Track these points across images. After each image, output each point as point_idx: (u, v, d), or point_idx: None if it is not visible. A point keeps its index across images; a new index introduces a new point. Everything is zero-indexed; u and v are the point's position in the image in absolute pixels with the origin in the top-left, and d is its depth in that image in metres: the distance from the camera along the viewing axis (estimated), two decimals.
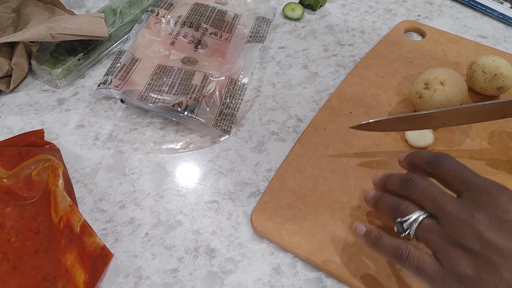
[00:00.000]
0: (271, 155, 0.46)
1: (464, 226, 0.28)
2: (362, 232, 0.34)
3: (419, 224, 0.31)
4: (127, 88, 0.47)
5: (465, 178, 0.31)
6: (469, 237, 0.28)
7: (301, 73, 0.54)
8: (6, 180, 0.40)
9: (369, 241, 0.33)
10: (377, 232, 0.33)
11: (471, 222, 0.28)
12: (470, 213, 0.29)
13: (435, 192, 0.32)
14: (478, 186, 0.30)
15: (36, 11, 0.57)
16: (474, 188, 0.30)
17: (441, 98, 0.43)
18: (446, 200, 0.31)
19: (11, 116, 0.50)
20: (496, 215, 0.28)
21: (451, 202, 0.30)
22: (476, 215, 0.28)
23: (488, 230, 0.27)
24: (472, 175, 0.31)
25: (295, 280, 0.37)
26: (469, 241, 0.28)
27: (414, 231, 0.32)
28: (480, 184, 0.30)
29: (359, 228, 0.34)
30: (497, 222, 0.28)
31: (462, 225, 0.29)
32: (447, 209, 0.30)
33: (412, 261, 0.30)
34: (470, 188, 0.30)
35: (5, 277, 0.36)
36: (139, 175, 0.44)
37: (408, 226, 0.32)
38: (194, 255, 0.38)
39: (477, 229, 0.28)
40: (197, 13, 0.56)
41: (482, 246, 0.27)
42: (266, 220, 0.39)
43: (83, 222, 0.35)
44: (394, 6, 0.65)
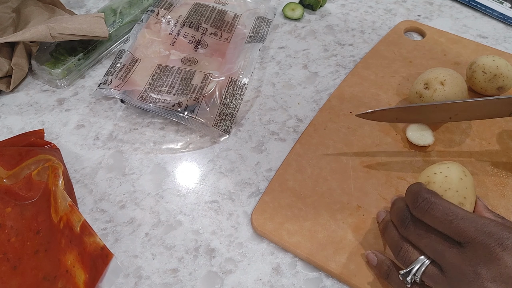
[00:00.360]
0: (271, 155, 0.46)
1: (468, 281, 0.28)
2: (374, 263, 0.35)
3: (423, 272, 0.31)
4: (127, 88, 0.47)
5: (461, 230, 0.29)
6: None
7: (301, 73, 0.54)
8: (6, 180, 0.40)
9: (381, 274, 0.34)
10: (387, 267, 0.34)
11: (476, 278, 0.27)
12: (474, 269, 0.28)
13: (432, 239, 0.30)
14: (478, 241, 0.28)
15: (36, 11, 0.57)
16: (474, 244, 0.28)
17: (441, 98, 0.43)
18: (446, 249, 0.29)
19: (11, 116, 0.50)
20: (500, 271, 0.27)
21: (451, 252, 0.29)
22: (480, 271, 0.27)
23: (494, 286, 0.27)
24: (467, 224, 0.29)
25: (295, 280, 0.37)
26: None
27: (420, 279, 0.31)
28: (480, 240, 0.28)
29: (371, 258, 0.35)
30: (502, 278, 0.27)
31: (466, 279, 0.28)
32: (449, 261, 0.29)
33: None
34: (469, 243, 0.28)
35: (5, 277, 0.36)
36: (139, 175, 0.44)
37: (413, 277, 0.31)
38: (194, 255, 0.38)
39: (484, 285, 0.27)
40: (197, 13, 0.56)
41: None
42: (266, 220, 0.39)
43: (83, 222, 0.35)
44: (394, 6, 0.65)
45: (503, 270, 0.27)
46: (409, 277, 0.31)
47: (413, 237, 0.32)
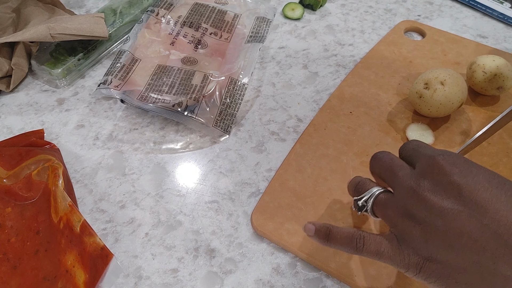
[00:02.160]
0: (271, 155, 0.46)
1: (412, 195, 0.28)
2: (312, 231, 0.32)
3: (374, 199, 0.31)
4: (127, 88, 0.47)
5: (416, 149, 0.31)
6: (417, 205, 0.27)
7: (301, 73, 0.54)
8: (6, 180, 0.40)
9: (321, 238, 0.31)
10: (326, 228, 0.31)
11: (418, 190, 0.27)
12: (417, 181, 0.28)
13: (394, 163, 0.31)
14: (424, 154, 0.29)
15: (36, 11, 0.57)
16: (422, 157, 0.29)
17: (441, 98, 0.43)
18: (400, 169, 0.30)
19: (11, 116, 0.50)
20: (440, 179, 0.27)
21: (403, 171, 0.30)
22: (422, 182, 0.28)
23: (433, 195, 0.27)
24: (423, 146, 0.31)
25: (295, 280, 0.37)
26: (417, 210, 0.27)
27: (371, 208, 0.31)
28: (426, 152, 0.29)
29: (309, 228, 0.32)
30: (441, 186, 0.27)
31: (410, 194, 0.28)
32: (399, 179, 0.30)
33: (369, 247, 0.29)
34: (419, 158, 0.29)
35: (5, 277, 0.36)
36: (139, 175, 0.44)
37: (364, 203, 0.32)
38: (194, 255, 0.38)
39: (423, 196, 0.27)
40: (197, 13, 0.56)
41: (428, 213, 0.27)
42: (266, 220, 0.39)
43: (83, 222, 0.35)
44: (394, 6, 0.65)
45: (442, 177, 0.27)
46: (361, 202, 0.32)
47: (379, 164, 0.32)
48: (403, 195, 0.29)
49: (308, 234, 0.32)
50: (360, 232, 0.30)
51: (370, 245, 0.29)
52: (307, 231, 0.32)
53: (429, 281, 0.27)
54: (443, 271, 0.26)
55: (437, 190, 0.27)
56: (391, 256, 0.28)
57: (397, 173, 0.30)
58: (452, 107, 0.44)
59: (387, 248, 0.29)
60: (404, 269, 0.28)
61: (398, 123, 0.47)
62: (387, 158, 0.32)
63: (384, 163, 0.32)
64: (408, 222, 0.28)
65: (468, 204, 0.25)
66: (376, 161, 0.33)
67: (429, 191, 0.27)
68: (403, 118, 0.48)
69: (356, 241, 0.30)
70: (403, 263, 0.28)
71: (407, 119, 0.47)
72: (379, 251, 0.29)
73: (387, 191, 0.31)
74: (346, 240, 0.30)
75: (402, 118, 0.48)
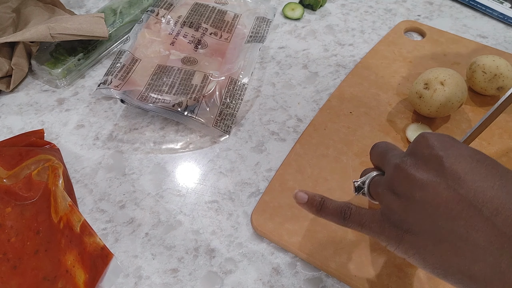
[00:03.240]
0: (271, 155, 0.46)
1: (396, 170, 0.29)
2: (305, 200, 0.33)
3: (370, 181, 0.32)
4: (127, 88, 0.47)
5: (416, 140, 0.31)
6: (399, 180, 0.28)
7: (301, 73, 0.54)
8: (6, 180, 0.41)
9: (313, 208, 0.32)
10: (320, 198, 0.32)
11: (401, 165, 0.28)
12: (402, 158, 0.29)
13: (388, 147, 0.33)
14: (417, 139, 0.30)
15: (36, 11, 0.57)
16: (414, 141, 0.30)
17: (441, 98, 0.43)
18: (391, 151, 0.31)
19: (11, 116, 0.50)
20: (423, 152, 0.28)
21: (393, 152, 0.31)
22: (406, 159, 0.28)
23: (415, 169, 0.27)
24: None
25: (295, 280, 0.37)
26: (399, 185, 0.28)
27: (367, 189, 0.33)
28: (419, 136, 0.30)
29: (301, 196, 0.33)
30: (423, 159, 0.27)
31: (395, 170, 0.29)
32: (388, 159, 0.31)
33: (353, 217, 0.31)
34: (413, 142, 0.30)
35: (5, 277, 0.36)
36: (139, 175, 0.44)
37: (360, 185, 0.33)
38: (194, 255, 0.38)
39: (406, 171, 0.28)
40: (197, 13, 0.56)
41: (409, 186, 0.27)
42: (266, 220, 0.39)
43: (83, 222, 0.35)
44: (394, 6, 0.65)
45: (425, 151, 0.27)
46: (357, 183, 0.34)
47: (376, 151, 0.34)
48: (389, 172, 0.30)
49: (298, 201, 0.33)
50: (349, 204, 0.31)
51: (354, 216, 0.31)
52: (298, 199, 0.33)
53: (408, 255, 0.28)
54: (421, 243, 0.27)
55: (419, 163, 0.27)
56: (372, 228, 0.30)
57: (387, 154, 0.32)
58: (452, 107, 0.44)
59: (369, 220, 0.30)
60: (385, 242, 0.29)
61: (398, 123, 0.47)
62: (383, 144, 0.34)
63: (379, 148, 0.34)
64: (390, 197, 0.29)
65: (447, 175, 0.26)
66: (374, 149, 0.35)
67: (411, 165, 0.28)
68: (403, 118, 0.48)
69: (344, 212, 0.31)
70: (384, 236, 0.29)
71: (407, 119, 0.47)
72: (361, 222, 0.30)
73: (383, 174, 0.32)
74: (336, 211, 0.32)
75: (402, 118, 0.48)
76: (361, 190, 0.34)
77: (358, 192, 0.34)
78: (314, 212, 0.33)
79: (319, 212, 0.32)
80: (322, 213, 0.32)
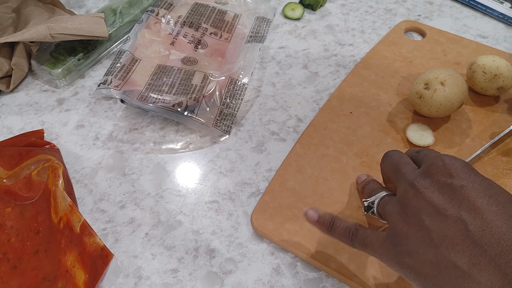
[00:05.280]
0: (271, 155, 0.46)
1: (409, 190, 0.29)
2: (315, 219, 0.34)
3: (379, 201, 0.33)
4: (127, 88, 0.47)
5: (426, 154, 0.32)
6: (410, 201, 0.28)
7: (301, 73, 0.54)
8: (6, 180, 0.40)
9: (323, 226, 0.33)
10: (330, 218, 0.33)
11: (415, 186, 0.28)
12: (416, 178, 0.29)
13: (401, 161, 0.32)
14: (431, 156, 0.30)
15: (36, 11, 0.57)
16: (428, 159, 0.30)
17: (441, 98, 0.43)
18: (404, 166, 0.31)
19: (11, 116, 0.50)
20: (438, 179, 0.27)
21: (407, 168, 0.31)
22: (420, 179, 0.28)
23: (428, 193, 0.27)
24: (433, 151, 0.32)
25: (295, 280, 0.37)
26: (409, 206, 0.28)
27: (376, 209, 0.33)
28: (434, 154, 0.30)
29: (311, 215, 0.34)
30: (438, 185, 0.27)
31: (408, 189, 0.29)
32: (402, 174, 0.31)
33: (359, 238, 0.31)
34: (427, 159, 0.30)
35: (5, 277, 0.36)
36: (139, 175, 0.44)
37: (370, 205, 0.34)
38: (194, 255, 0.38)
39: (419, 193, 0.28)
40: (197, 13, 0.56)
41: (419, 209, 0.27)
42: (266, 220, 0.39)
43: (83, 222, 0.35)
44: (394, 6, 0.65)
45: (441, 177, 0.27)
46: (367, 203, 0.35)
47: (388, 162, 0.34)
48: (402, 190, 0.30)
49: (309, 220, 0.34)
50: (357, 226, 0.32)
51: (359, 237, 0.31)
52: (308, 217, 0.34)
53: (408, 278, 0.28)
54: (421, 269, 0.27)
55: (434, 189, 0.27)
56: (375, 248, 0.30)
57: (401, 169, 0.31)
58: (452, 107, 0.44)
59: (373, 240, 0.30)
60: (386, 263, 0.29)
61: (398, 123, 0.47)
62: (396, 156, 0.34)
63: (393, 160, 0.33)
64: (398, 216, 0.29)
65: (459, 208, 0.26)
66: (387, 158, 0.35)
67: (426, 188, 0.28)
68: (403, 118, 0.48)
69: (351, 232, 0.32)
70: (385, 257, 0.29)
71: (407, 119, 0.47)
72: (365, 242, 0.31)
73: (393, 194, 0.32)
74: (345, 232, 0.32)
75: (402, 118, 0.48)
76: (370, 210, 0.34)
77: (367, 212, 0.35)
78: (325, 231, 0.33)
79: (330, 231, 0.33)
80: (332, 232, 0.33)
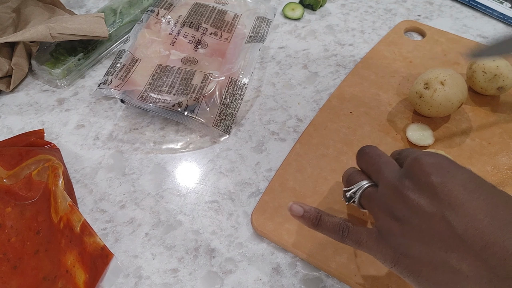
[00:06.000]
0: (271, 155, 0.46)
1: (394, 192, 0.29)
2: (300, 213, 0.33)
3: (362, 192, 0.32)
4: (127, 88, 0.47)
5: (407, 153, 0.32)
6: (397, 203, 0.28)
7: (301, 73, 0.54)
8: (6, 180, 0.41)
9: (309, 222, 0.32)
10: (316, 213, 0.32)
11: (399, 188, 0.28)
12: (399, 179, 0.29)
13: (381, 160, 0.32)
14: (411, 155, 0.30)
15: (36, 11, 0.57)
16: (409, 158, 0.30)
17: (441, 98, 0.43)
18: (386, 166, 0.31)
19: (11, 116, 0.50)
20: (419, 179, 0.28)
21: (390, 169, 0.31)
22: (403, 181, 0.29)
23: (412, 194, 0.28)
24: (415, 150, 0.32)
25: (295, 280, 0.37)
26: (396, 208, 0.28)
27: (358, 200, 0.33)
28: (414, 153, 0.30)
29: (296, 209, 0.33)
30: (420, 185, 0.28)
31: (392, 191, 0.29)
32: (384, 176, 0.31)
33: (351, 235, 0.31)
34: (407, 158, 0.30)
35: (5, 277, 0.36)
36: (139, 175, 0.44)
37: (352, 195, 0.33)
38: (194, 255, 0.38)
39: (404, 195, 0.28)
40: (197, 13, 0.56)
41: (406, 211, 0.28)
42: (266, 220, 0.39)
43: (83, 222, 0.35)
44: (394, 6, 0.65)
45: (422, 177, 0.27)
46: (349, 193, 0.33)
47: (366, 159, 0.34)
48: (386, 192, 0.30)
49: (293, 214, 0.33)
50: (347, 222, 0.32)
51: (352, 234, 0.31)
52: (293, 211, 0.33)
53: (403, 275, 0.28)
54: (416, 268, 0.27)
55: (416, 189, 0.28)
56: (370, 246, 0.30)
57: (383, 170, 0.31)
58: (452, 107, 0.44)
59: (366, 239, 0.30)
60: (381, 260, 0.29)
61: (398, 123, 0.47)
62: (374, 153, 0.33)
63: (371, 158, 0.33)
64: (387, 218, 0.29)
65: (441, 205, 0.26)
66: (363, 155, 0.34)
67: (409, 190, 0.28)
68: (403, 118, 0.48)
69: (342, 229, 0.31)
70: (381, 255, 0.29)
71: (407, 119, 0.47)
72: (359, 240, 0.30)
73: (375, 185, 0.32)
74: (334, 228, 0.32)
75: (402, 118, 0.48)
76: (351, 200, 0.34)
77: (348, 202, 0.34)
78: (311, 226, 0.33)
79: (316, 227, 0.32)
80: (319, 228, 0.32)
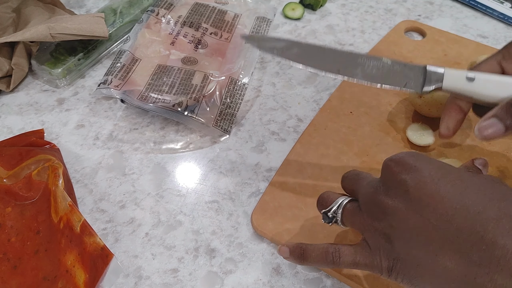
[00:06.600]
0: (271, 155, 0.46)
1: (371, 200, 0.29)
2: (287, 254, 0.32)
3: (342, 210, 0.31)
4: (127, 88, 0.47)
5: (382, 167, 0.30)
6: (376, 210, 0.28)
7: (301, 73, 0.54)
8: (6, 180, 0.40)
9: (296, 258, 0.32)
10: (299, 247, 0.31)
11: (375, 194, 0.28)
12: (375, 186, 0.29)
13: (360, 175, 0.32)
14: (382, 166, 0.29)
15: (36, 11, 0.57)
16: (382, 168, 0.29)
17: (442, 98, 0.43)
18: (364, 179, 0.31)
19: (11, 116, 0.50)
20: (391, 180, 0.28)
21: (367, 181, 0.31)
22: (378, 187, 0.28)
23: (387, 197, 0.27)
24: None
25: (295, 280, 0.37)
26: (377, 214, 0.28)
27: (341, 218, 0.31)
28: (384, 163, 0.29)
29: (284, 251, 0.32)
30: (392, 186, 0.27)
31: (369, 199, 0.29)
32: (362, 187, 0.30)
33: (345, 259, 0.30)
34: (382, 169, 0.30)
35: (5, 277, 0.36)
36: (139, 175, 0.44)
37: (333, 214, 0.32)
38: (194, 255, 0.38)
39: (379, 200, 0.28)
40: (197, 13, 0.56)
41: (385, 215, 0.27)
42: (266, 220, 0.39)
43: (83, 222, 0.35)
44: (394, 6, 0.64)
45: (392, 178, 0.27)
46: (330, 213, 0.32)
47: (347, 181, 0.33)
48: (364, 201, 0.30)
49: (284, 256, 0.32)
50: (334, 245, 0.30)
51: (346, 257, 0.30)
52: (282, 254, 0.32)
53: (403, 283, 0.28)
54: (406, 269, 0.27)
55: (389, 191, 0.28)
56: (367, 263, 0.29)
57: (360, 183, 0.31)
58: None
59: (362, 256, 0.29)
60: (379, 273, 0.29)
61: (398, 123, 0.47)
62: (352, 174, 0.33)
63: (352, 176, 0.33)
64: (372, 227, 0.28)
65: (413, 200, 0.26)
66: (344, 180, 0.34)
67: (383, 194, 0.28)
68: (403, 118, 0.48)
69: (332, 255, 0.30)
70: (378, 268, 0.28)
71: (407, 119, 0.47)
72: (355, 261, 0.29)
73: (354, 199, 0.32)
74: (322, 256, 0.30)
75: (402, 118, 0.47)
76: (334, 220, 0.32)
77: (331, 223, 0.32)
78: (299, 263, 0.32)
79: (304, 261, 0.31)
80: (306, 261, 0.31)
